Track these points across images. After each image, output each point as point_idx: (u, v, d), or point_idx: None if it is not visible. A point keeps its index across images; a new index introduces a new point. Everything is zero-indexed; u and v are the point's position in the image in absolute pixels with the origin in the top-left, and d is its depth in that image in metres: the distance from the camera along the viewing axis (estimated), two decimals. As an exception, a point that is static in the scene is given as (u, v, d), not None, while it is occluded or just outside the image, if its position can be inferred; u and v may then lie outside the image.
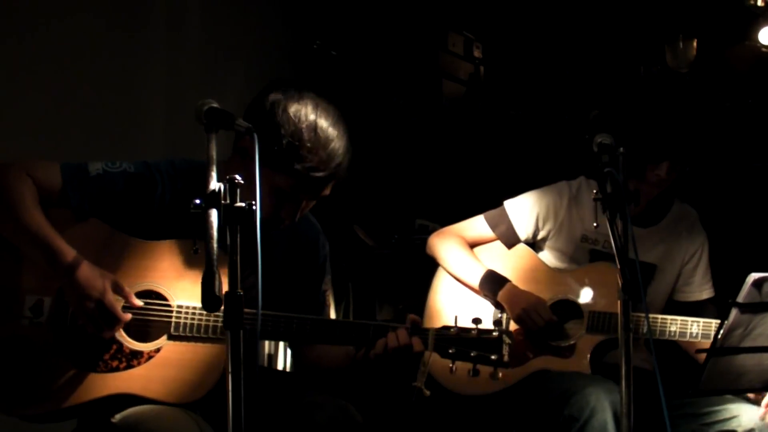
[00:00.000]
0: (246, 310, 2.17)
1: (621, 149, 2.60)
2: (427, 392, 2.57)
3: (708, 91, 4.81)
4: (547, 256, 3.54)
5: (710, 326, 3.27)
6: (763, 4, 4.63)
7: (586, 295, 3.40)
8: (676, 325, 3.31)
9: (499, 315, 3.45)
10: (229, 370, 2.05)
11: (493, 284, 3.43)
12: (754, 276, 2.90)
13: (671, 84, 5.00)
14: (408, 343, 2.60)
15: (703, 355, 3.04)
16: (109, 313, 2.49)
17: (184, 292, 2.58)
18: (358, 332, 2.64)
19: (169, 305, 2.58)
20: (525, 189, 3.60)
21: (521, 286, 3.43)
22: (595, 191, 2.53)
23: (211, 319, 2.55)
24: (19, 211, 2.48)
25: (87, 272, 2.48)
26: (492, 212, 3.58)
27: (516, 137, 5.33)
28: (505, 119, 5.38)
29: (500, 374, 2.65)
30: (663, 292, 3.56)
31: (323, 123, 2.60)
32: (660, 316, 3.33)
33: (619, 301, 2.46)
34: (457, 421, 3.54)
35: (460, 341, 2.63)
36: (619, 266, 2.45)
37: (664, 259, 3.54)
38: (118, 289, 2.52)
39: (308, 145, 2.56)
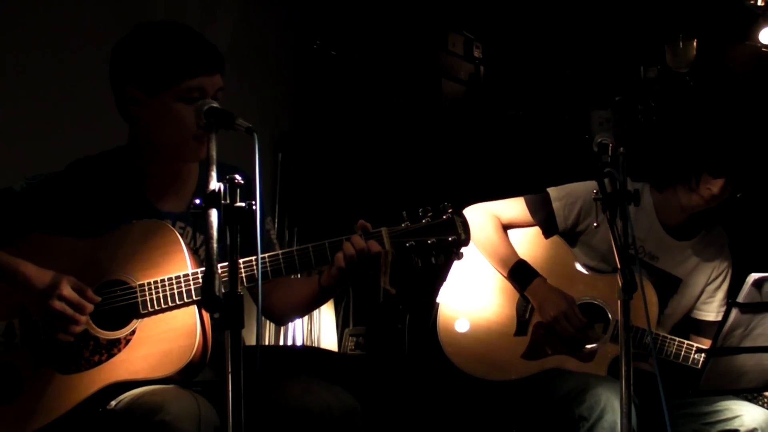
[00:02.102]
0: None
1: (621, 149, 2.60)
2: (393, 290, 2.57)
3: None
4: (579, 252, 3.50)
5: None
6: (763, 4, 4.62)
7: (615, 302, 3.37)
8: (702, 354, 3.26)
9: (525, 304, 3.43)
10: (229, 369, 2.06)
11: (522, 276, 3.40)
12: (754, 276, 2.91)
13: (745, 103, 4.93)
14: (364, 246, 2.61)
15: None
16: (74, 304, 2.53)
17: (141, 272, 2.61)
18: (316, 253, 2.64)
19: (131, 287, 2.60)
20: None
21: (551, 279, 3.40)
22: (595, 191, 2.53)
23: (174, 286, 2.57)
24: None
25: (43, 276, 2.54)
26: (533, 197, 3.52)
27: (516, 137, 5.32)
28: (505, 119, 5.37)
29: (462, 254, 2.64)
30: (683, 307, 3.54)
31: (176, 27, 2.70)
32: (686, 342, 3.28)
33: (620, 301, 2.45)
34: (463, 409, 3.53)
35: (415, 232, 2.63)
36: (619, 266, 2.45)
37: (691, 275, 3.52)
38: (77, 288, 2.55)
39: (179, 46, 2.63)
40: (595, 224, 2.61)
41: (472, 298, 3.47)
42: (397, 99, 5.22)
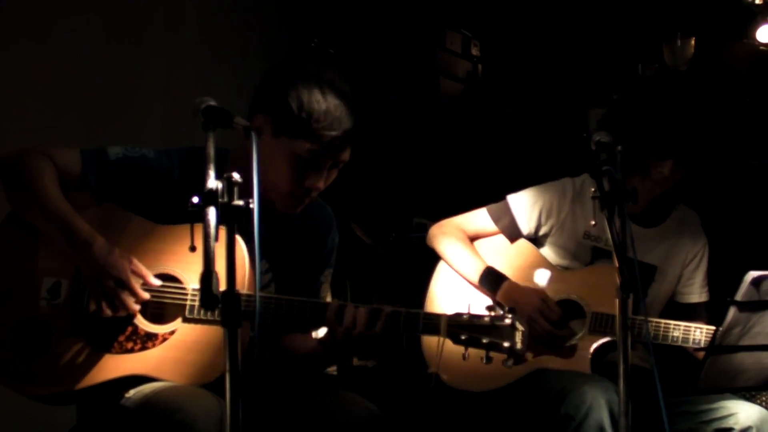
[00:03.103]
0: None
1: (619, 147, 2.60)
2: (445, 376, 2.53)
3: (716, 92, 4.80)
4: (549, 253, 3.53)
5: (712, 333, 3.25)
6: (761, 2, 4.62)
7: (589, 296, 3.38)
8: (679, 330, 3.30)
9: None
10: (228, 368, 2.06)
11: (492, 282, 3.42)
12: (752, 274, 2.90)
13: (680, 82, 4.99)
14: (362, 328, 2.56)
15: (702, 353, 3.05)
16: (129, 290, 2.51)
17: (198, 277, 2.58)
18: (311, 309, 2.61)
19: (184, 288, 2.59)
20: (523, 187, 3.59)
21: (523, 283, 3.41)
22: (593, 189, 2.53)
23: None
24: (40, 192, 2.53)
25: (106, 251, 2.51)
26: (494, 206, 3.56)
27: (514, 135, 5.33)
28: (502, 117, 5.37)
29: (512, 362, 2.63)
30: (663, 294, 3.56)
31: (332, 86, 2.65)
32: (663, 321, 3.32)
33: (617, 299, 2.45)
34: (453, 419, 3.54)
35: (473, 328, 2.61)
36: (617, 264, 2.45)
37: (665, 261, 3.53)
38: (136, 270, 2.54)
39: (321, 107, 2.60)
40: (593, 222, 2.60)
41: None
42: (391, 97, 5.21)
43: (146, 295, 2.55)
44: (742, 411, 3.23)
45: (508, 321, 2.61)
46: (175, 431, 2.36)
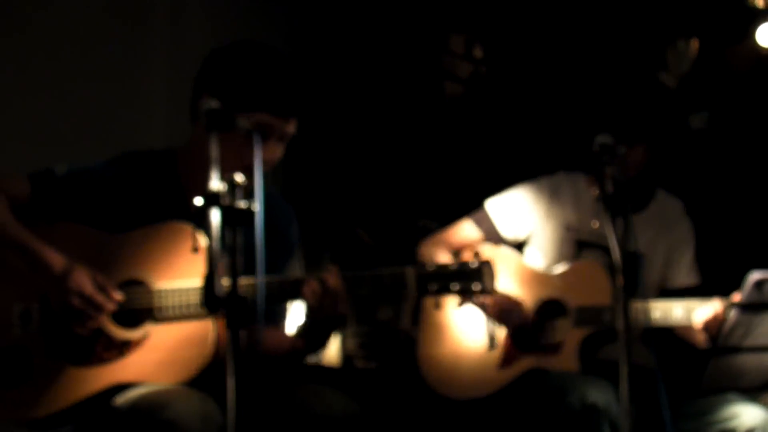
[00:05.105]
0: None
1: (622, 149, 2.61)
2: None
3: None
4: (535, 254, 3.54)
5: (694, 307, 3.21)
6: (763, 5, 4.63)
7: (571, 293, 3.39)
8: (659, 311, 3.28)
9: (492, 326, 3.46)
10: (233, 369, 2.07)
11: None
12: (755, 276, 2.91)
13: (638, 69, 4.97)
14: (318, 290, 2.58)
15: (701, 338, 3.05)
16: (93, 302, 2.54)
17: (162, 276, 2.63)
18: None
19: (149, 290, 2.62)
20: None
21: (506, 289, 3.44)
22: (597, 192, 2.53)
23: (191, 296, 2.59)
24: None
25: (67, 268, 2.55)
26: (475, 213, 3.61)
27: (518, 137, 5.33)
28: (507, 119, 5.38)
29: (487, 301, 2.66)
30: (652, 282, 3.54)
31: (270, 58, 2.67)
32: (642, 304, 3.31)
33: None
34: (449, 423, 3.55)
35: (441, 276, 2.62)
36: (621, 266, 2.46)
37: (650, 247, 3.51)
38: (99, 283, 2.57)
39: (261, 79, 2.62)
40: (597, 224, 2.62)
41: (446, 327, 3.52)
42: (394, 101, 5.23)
43: (111, 305, 2.57)
44: (746, 412, 3.23)
45: (474, 265, 2.62)
46: (161, 430, 2.38)
